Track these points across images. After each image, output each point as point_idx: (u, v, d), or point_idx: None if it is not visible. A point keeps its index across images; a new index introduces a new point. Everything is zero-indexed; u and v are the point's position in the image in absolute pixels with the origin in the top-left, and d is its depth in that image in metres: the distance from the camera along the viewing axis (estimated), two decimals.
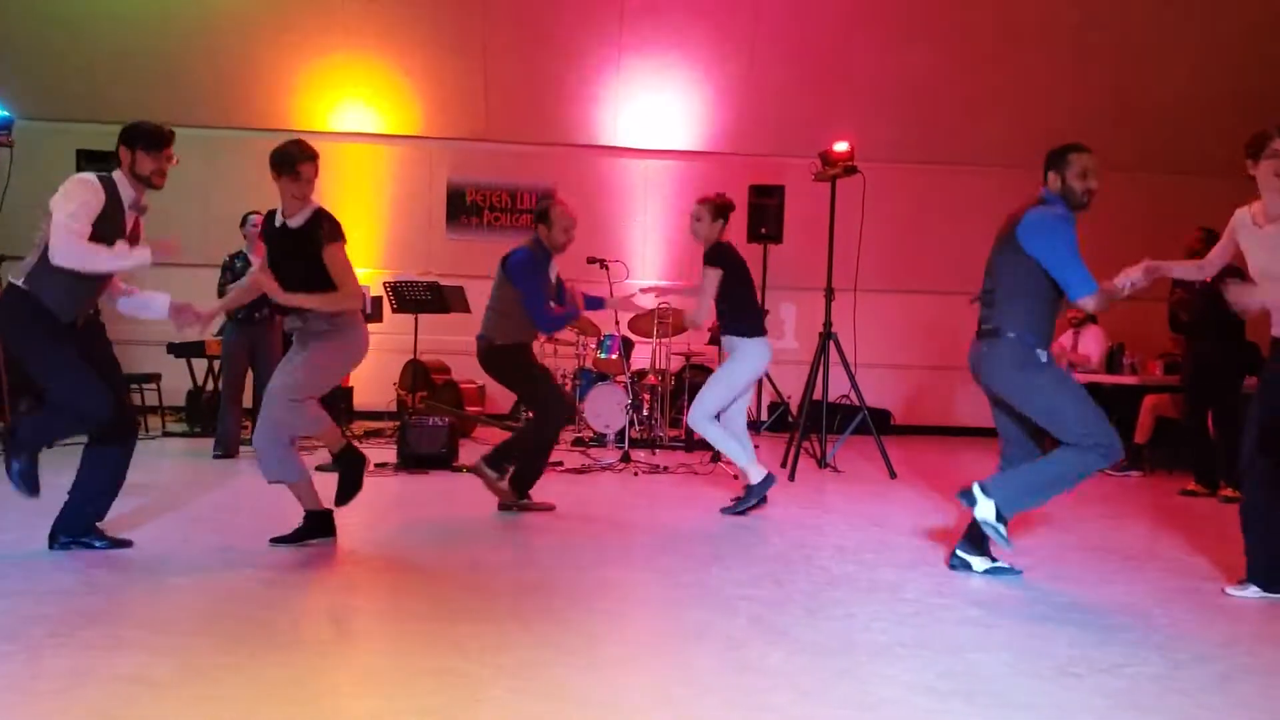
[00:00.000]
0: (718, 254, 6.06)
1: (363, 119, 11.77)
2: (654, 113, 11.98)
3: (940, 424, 12.10)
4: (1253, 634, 3.95)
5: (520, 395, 6.17)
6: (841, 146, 8.51)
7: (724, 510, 6.14)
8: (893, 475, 7.86)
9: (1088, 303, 4.47)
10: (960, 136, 11.99)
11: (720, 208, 6.19)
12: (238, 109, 11.16)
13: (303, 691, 3.00)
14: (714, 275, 5.99)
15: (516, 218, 12.00)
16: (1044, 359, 4.52)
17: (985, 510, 4.48)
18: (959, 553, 4.78)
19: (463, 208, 11.99)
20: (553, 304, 5.97)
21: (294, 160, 4.65)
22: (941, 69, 11.57)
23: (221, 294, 8.21)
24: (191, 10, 10.79)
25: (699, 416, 6.09)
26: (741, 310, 6.15)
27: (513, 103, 11.79)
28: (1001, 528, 4.47)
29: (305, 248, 4.66)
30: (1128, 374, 9.23)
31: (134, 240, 4.53)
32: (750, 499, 6.11)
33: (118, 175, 4.49)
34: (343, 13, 11.08)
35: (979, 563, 4.72)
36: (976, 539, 4.71)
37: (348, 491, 4.97)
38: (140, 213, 4.58)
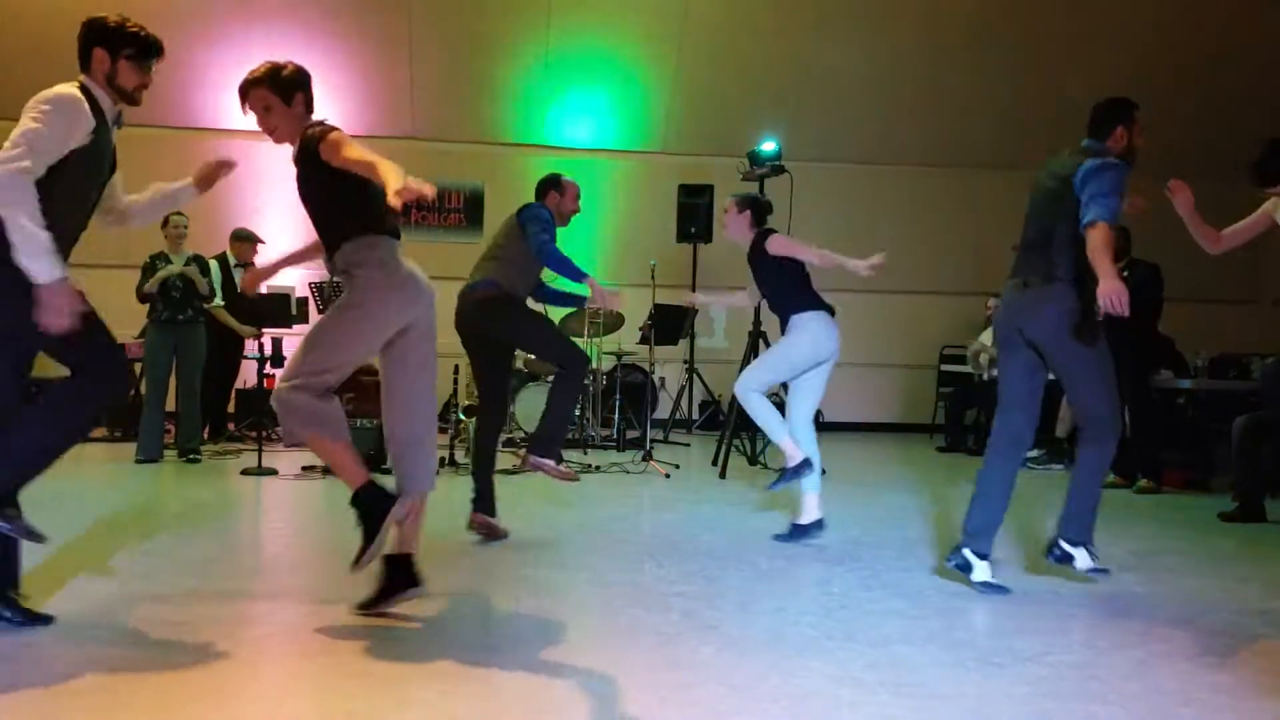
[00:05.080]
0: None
1: None
2: (582, 111, 11.97)
3: (867, 420, 12.26)
4: (1169, 621, 4.06)
5: (534, 345, 5.66)
6: (769, 146, 8.59)
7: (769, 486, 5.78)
8: (823, 471, 7.94)
9: (1094, 234, 4.09)
10: (886, 137, 12.16)
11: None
12: (158, 106, 10.89)
13: (226, 697, 2.95)
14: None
15: (444, 217, 11.92)
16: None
17: (1083, 561, 4.46)
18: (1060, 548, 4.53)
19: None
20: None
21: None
22: (868, 70, 11.72)
23: (141, 295, 8.05)
24: (108, 5, 10.52)
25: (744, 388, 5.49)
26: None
27: (439, 101, 11.71)
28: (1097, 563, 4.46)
29: (309, 167, 3.73)
30: None
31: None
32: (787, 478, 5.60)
33: (89, 83, 3.60)
34: (264, 8, 10.91)
35: (1082, 558, 4.49)
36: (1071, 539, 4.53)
37: (367, 546, 3.74)
38: (118, 127, 3.73)
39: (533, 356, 9.26)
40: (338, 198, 3.73)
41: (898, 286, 11.99)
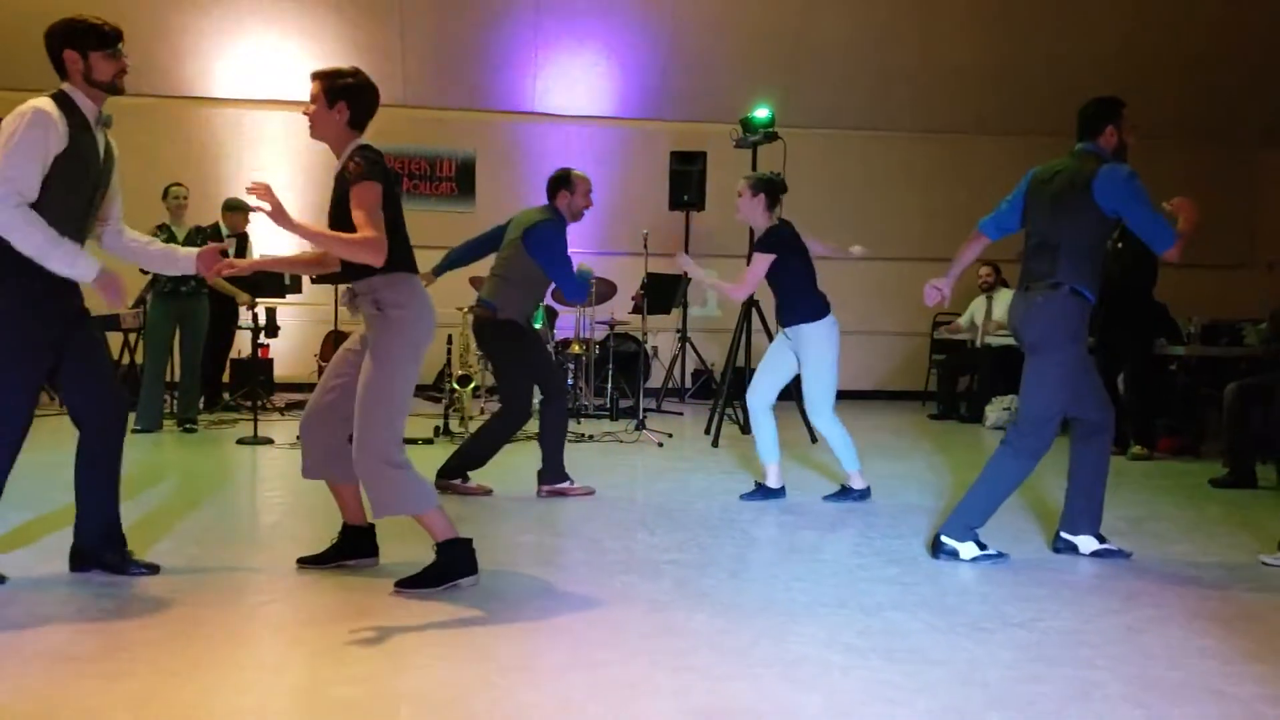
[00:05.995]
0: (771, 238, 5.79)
1: (276, 85, 11.50)
2: (575, 78, 11.91)
3: (860, 388, 12.27)
4: (1158, 586, 4.10)
5: (497, 377, 5.96)
6: (762, 113, 8.56)
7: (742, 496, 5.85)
8: (814, 440, 7.96)
9: (1173, 254, 4.23)
10: (880, 103, 12.11)
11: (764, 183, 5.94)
12: (149, 75, 10.83)
13: (224, 665, 2.97)
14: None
15: (436, 185, 11.87)
16: (1085, 336, 4.47)
17: (969, 551, 4.39)
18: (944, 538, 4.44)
19: None
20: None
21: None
22: (862, 36, 11.66)
23: (144, 271, 8.01)
24: None
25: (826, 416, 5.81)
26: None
27: (430, 68, 11.63)
28: (990, 550, 4.41)
29: (343, 198, 3.70)
30: None
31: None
32: (760, 495, 5.84)
33: (69, 89, 3.69)
34: None
35: (966, 549, 4.42)
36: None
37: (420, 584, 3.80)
38: (106, 126, 3.83)
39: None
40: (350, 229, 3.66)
41: (891, 253, 11.95)
